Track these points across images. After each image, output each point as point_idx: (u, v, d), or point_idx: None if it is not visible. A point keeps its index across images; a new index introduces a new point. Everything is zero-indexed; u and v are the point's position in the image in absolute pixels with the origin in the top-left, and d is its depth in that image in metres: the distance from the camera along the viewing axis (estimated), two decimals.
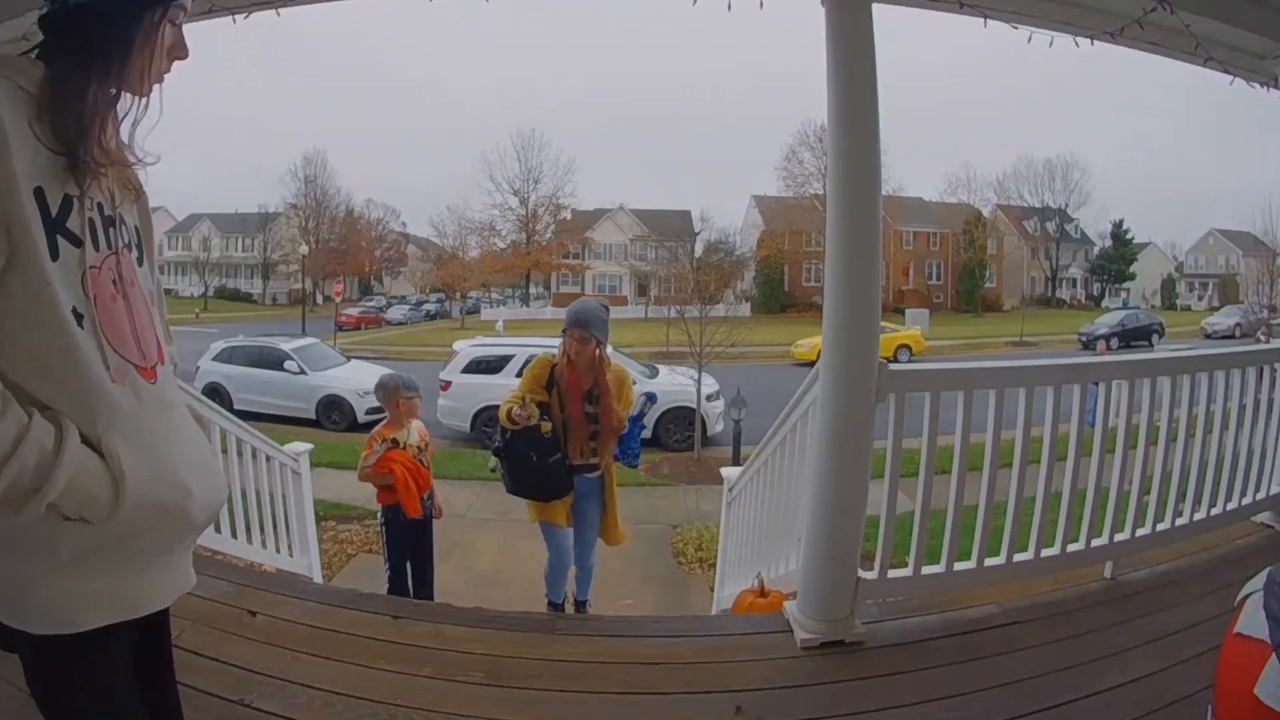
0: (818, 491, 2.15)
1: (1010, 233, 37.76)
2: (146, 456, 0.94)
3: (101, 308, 0.92)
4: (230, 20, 2.30)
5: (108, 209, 0.97)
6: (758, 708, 1.84)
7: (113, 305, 0.95)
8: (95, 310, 0.91)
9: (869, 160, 2.05)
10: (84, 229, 0.92)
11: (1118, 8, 2.19)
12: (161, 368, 1.03)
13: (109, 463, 0.90)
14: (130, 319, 0.97)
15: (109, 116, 0.98)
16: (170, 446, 0.99)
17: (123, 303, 0.97)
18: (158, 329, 1.06)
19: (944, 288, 37.19)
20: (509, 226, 40.14)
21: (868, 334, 2.09)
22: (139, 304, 1.00)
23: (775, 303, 35.27)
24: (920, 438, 2.18)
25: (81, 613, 0.92)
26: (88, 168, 0.92)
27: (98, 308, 0.92)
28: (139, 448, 0.93)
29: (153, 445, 0.96)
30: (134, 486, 0.91)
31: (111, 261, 0.96)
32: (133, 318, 0.98)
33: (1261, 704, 1.05)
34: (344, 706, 1.80)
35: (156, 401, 0.99)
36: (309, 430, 10.81)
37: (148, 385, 0.98)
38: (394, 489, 3.58)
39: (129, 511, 0.91)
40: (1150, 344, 24.17)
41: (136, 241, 1.05)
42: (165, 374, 1.04)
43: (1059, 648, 2.05)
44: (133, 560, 0.96)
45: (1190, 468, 2.59)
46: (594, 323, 2.93)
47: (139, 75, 0.97)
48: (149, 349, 1.00)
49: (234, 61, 57.03)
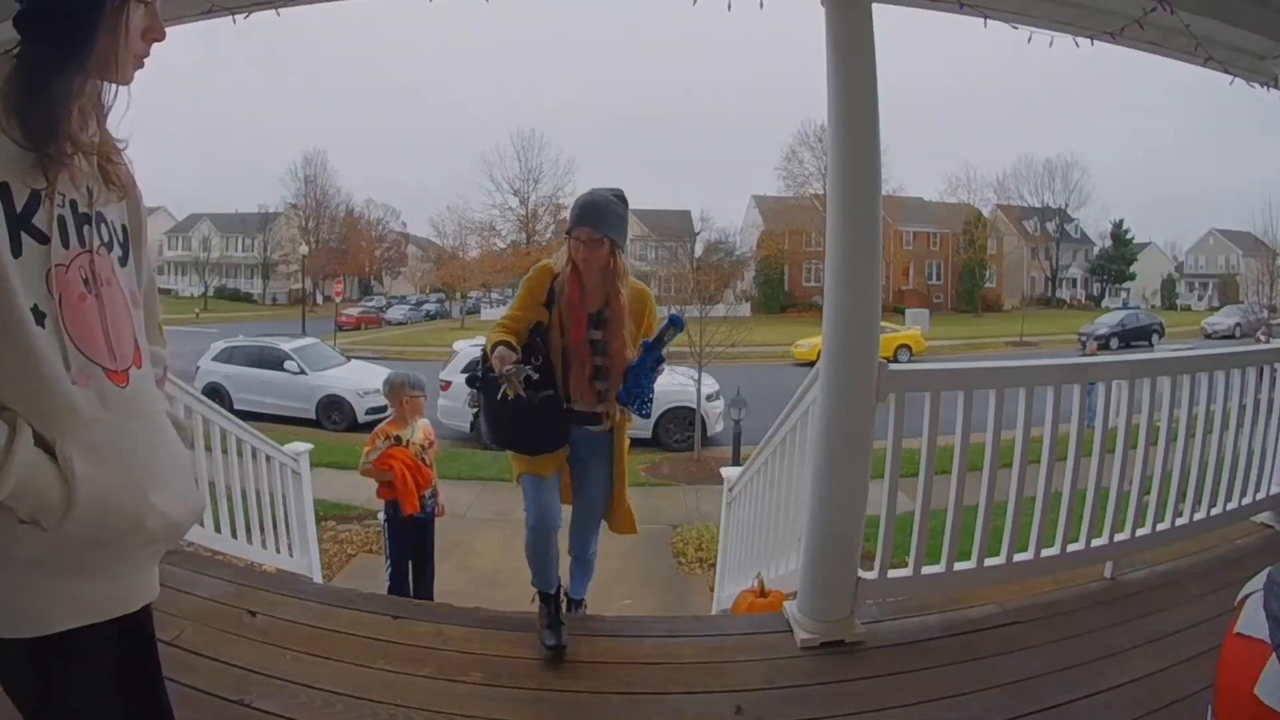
0: (818, 491, 2.15)
1: (1010, 233, 37.74)
2: (105, 463, 0.90)
3: (68, 307, 0.89)
4: (230, 20, 2.30)
5: (82, 206, 0.93)
6: (758, 708, 1.84)
7: (81, 305, 0.91)
8: (60, 309, 0.88)
9: (869, 160, 2.05)
10: (51, 225, 0.88)
11: (1118, 8, 2.19)
12: (136, 371, 0.98)
13: (61, 468, 0.86)
14: (102, 319, 0.93)
15: (84, 108, 0.94)
16: (135, 454, 0.95)
17: (94, 302, 0.93)
18: (137, 331, 1.01)
19: (944, 288, 37.17)
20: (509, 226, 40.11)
21: (868, 334, 2.09)
22: (115, 304, 0.96)
23: (775, 303, 35.25)
24: (920, 438, 2.18)
25: (46, 615, 0.89)
26: (55, 162, 0.88)
27: (63, 307, 0.88)
28: (96, 454, 0.90)
29: (113, 452, 0.92)
30: (87, 494, 0.87)
31: (84, 260, 0.92)
32: (105, 318, 0.94)
33: (1261, 704, 1.05)
34: (344, 706, 1.80)
35: (125, 406, 0.95)
36: (309, 430, 10.80)
37: (116, 389, 0.94)
38: (393, 485, 3.62)
39: (83, 518, 0.87)
40: (1150, 344, 24.16)
41: (121, 240, 1.01)
42: (140, 377, 0.99)
43: (1059, 648, 2.05)
44: (94, 565, 0.93)
45: (1190, 468, 2.59)
46: (607, 219, 2.16)
47: (110, 61, 0.93)
48: (122, 351, 0.96)
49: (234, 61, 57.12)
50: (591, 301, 2.20)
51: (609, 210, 2.18)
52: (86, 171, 0.95)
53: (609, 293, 2.19)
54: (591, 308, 2.20)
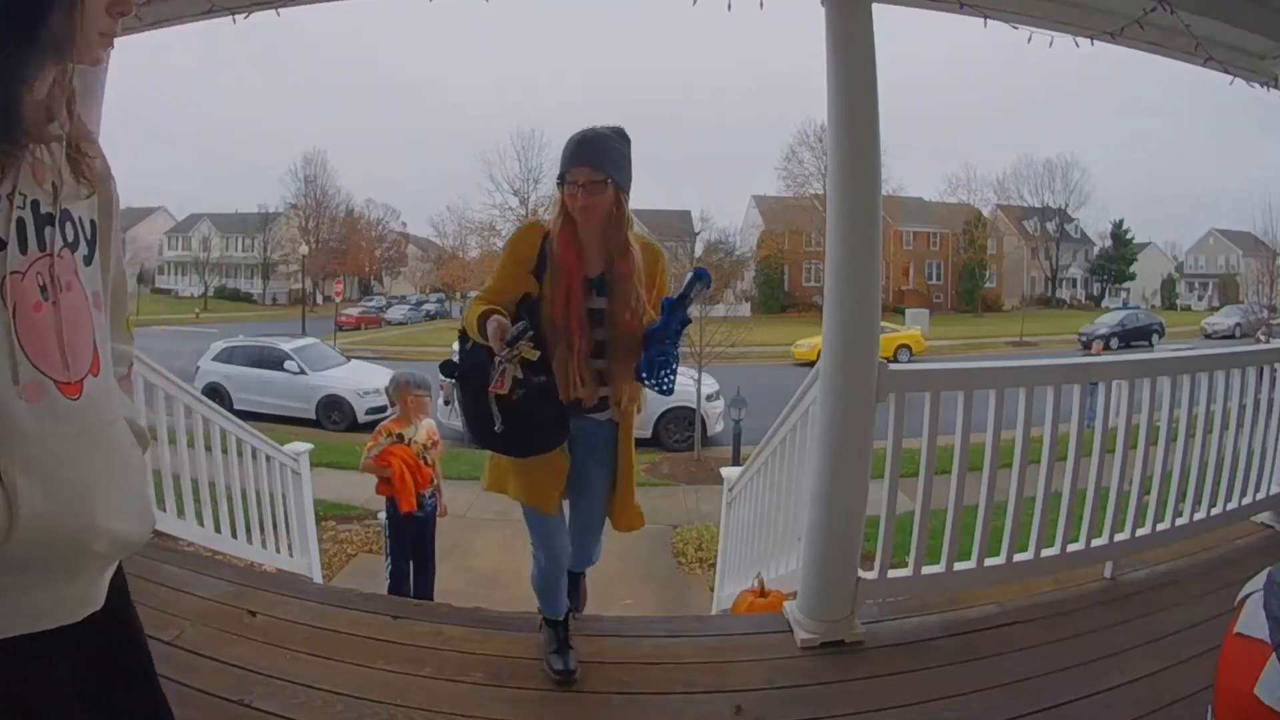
0: (818, 491, 2.15)
1: (1010, 233, 37.73)
2: (51, 483, 0.85)
3: (21, 318, 0.82)
4: (230, 20, 2.31)
5: (45, 205, 0.86)
6: (758, 708, 1.84)
7: (35, 315, 0.84)
8: (14, 320, 0.81)
9: (869, 160, 2.05)
10: (8, 228, 0.82)
11: (1118, 8, 2.19)
12: (92, 380, 0.91)
13: (6, 489, 0.80)
14: (58, 329, 0.86)
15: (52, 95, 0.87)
16: (82, 473, 0.89)
17: (50, 311, 0.86)
18: (98, 337, 0.94)
19: (944, 288, 37.17)
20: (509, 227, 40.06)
21: (868, 334, 2.10)
22: (74, 311, 0.89)
23: (775, 303, 35.23)
24: (920, 438, 2.18)
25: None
26: (12, 158, 0.81)
27: (16, 317, 0.82)
28: (42, 475, 0.84)
29: (59, 472, 0.86)
30: (29, 516, 0.82)
31: (43, 265, 0.85)
32: (61, 328, 0.87)
33: (1261, 704, 1.05)
34: (344, 706, 1.80)
35: (77, 420, 0.89)
36: (309, 430, 10.80)
37: (68, 402, 0.87)
38: (391, 482, 3.66)
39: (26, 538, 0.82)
40: (1150, 344, 24.17)
41: (89, 237, 0.93)
42: (95, 385, 0.92)
43: (1059, 648, 2.05)
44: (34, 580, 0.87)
45: (1190, 468, 2.59)
46: (609, 156, 1.76)
47: (70, 40, 0.84)
48: (78, 362, 0.89)
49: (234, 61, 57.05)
50: (592, 262, 1.79)
51: (610, 147, 1.77)
52: (51, 165, 0.87)
53: (613, 250, 1.78)
54: (592, 270, 1.80)
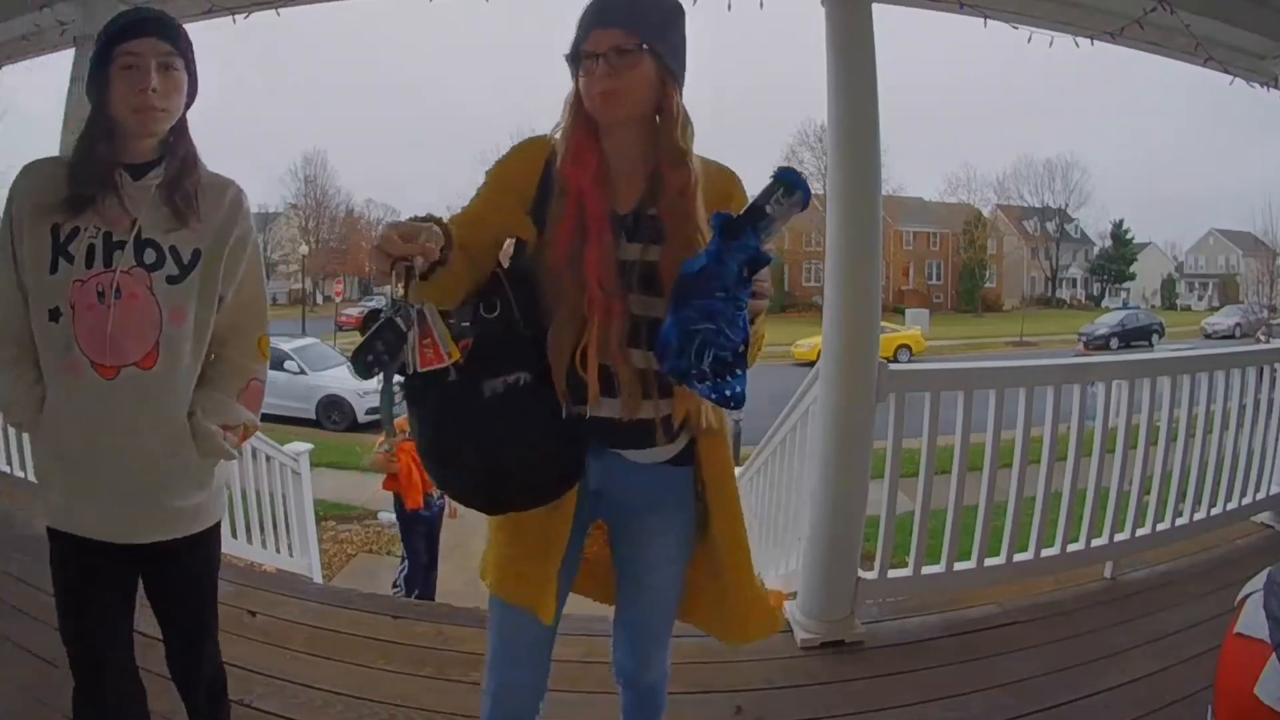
0: (818, 491, 2.15)
1: (1010, 233, 37.71)
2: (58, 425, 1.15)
3: (79, 312, 1.12)
4: (230, 20, 2.31)
5: (119, 235, 1.14)
6: (758, 708, 1.84)
7: (89, 312, 1.12)
8: (73, 314, 1.12)
9: (869, 160, 2.05)
10: (81, 250, 1.12)
11: (1118, 8, 2.19)
12: (136, 370, 1.15)
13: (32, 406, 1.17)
14: (107, 326, 1.12)
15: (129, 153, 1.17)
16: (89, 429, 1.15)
17: (104, 310, 1.12)
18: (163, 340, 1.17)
19: (944, 288, 37.14)
20: None
21: (868, 334, 2.09)
22: (133, 314, 1.14)
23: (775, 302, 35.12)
24: (920, 438, 2.18)
25: (47, 512, 1.19)
26: (83, 200, 1.13)
27: (75, 311, 1.12)
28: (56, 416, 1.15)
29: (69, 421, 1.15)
30: (50, 414, 1.16)
31: (105, 278, 1.13)
32: (108, 326, 1.12)
33: (1261, 704, 1.05)
34: (344, 706, 1.80)
35: (104, 395, 1.14)
36: (309, 430, 10.77)
37: (100, 380, 1.13)
38: (397, 478, 3.68)
39: (46, 437, 1.17)
40: (1150, 344, 24.16)
41: (182, 263, 1.18)
42: (138, 376, 1.15)
43: (1059, 648, 2.05)
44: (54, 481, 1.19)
45: (1190, 468, 2.59)
46: (649, 20, 1.05)
47: (117, 117, 1.14)
48: (121, 353, 1.14)
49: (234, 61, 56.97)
50: (623, 188, 1.10)
51: (650, 5, 1.07)
52: (132, 205, 1.15)
53: (662, 160, 1.08)
54: (623, 202, 1.09)
